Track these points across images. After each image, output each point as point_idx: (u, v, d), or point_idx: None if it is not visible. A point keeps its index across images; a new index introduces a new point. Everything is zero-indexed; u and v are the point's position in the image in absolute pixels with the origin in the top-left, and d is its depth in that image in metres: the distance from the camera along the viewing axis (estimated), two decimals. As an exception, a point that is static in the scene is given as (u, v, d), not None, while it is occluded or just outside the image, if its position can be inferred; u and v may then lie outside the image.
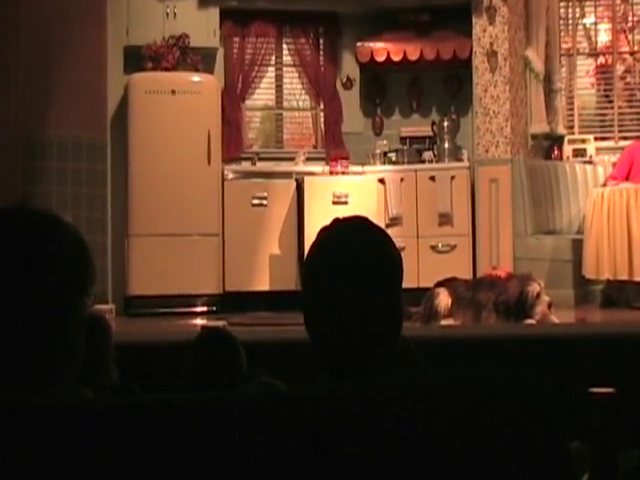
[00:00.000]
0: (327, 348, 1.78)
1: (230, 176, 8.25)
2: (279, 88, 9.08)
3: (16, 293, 1.40)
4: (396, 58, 8.65)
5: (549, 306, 6.28)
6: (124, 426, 1.19)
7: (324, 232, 1.83)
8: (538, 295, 6.28)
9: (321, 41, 9.04)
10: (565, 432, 1.21)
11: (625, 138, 8.42)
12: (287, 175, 8.33)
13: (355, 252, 1.78)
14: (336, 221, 1.84)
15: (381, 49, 8.69)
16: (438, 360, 1.77)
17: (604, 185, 7.86)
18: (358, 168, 8.35)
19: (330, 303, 1.76)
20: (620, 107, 8.94)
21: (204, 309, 7.81)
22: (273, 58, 9.01)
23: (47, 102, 7.22)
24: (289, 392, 1.39)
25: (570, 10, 9.12)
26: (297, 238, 8.07)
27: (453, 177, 8.22)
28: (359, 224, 1.85)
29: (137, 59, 8.11)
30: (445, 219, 8.15)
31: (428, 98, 8.90)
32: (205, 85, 8.19)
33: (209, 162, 8.02)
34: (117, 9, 8.12)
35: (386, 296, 1.78)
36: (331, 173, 8.24)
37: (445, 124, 8.60)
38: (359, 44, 8.76)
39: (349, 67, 8.93)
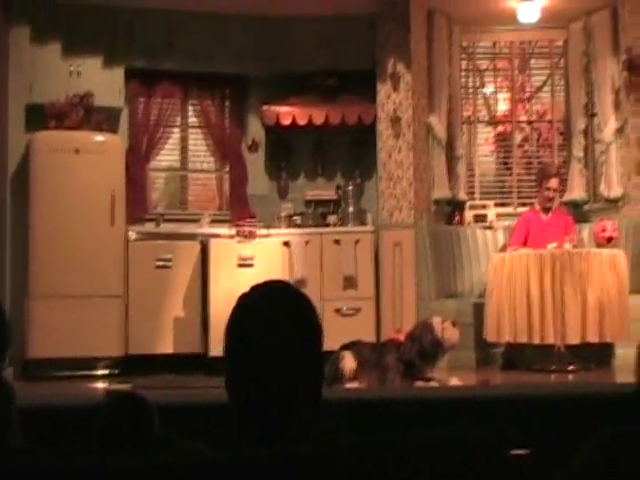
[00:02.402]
0: (247, 409, 1.80)
1: (134, 237, 8.14)
2: (184, 149, 9.05)
3: None
4: (302, 122, 8.73)
5: (453, 324, 6.49)
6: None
7: (244, 298, 1.85)
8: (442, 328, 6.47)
9: (227, 103, 9.07)
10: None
11: (523, 204, 8.63)
12: (192, 237, 8.28)
13: (275, 316, 1.81)
14: (255, 287, 1.86)
15: (287, 112, 8.75)
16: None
17: (503, 250, 8.02)
18: (264, 231, 8.34)
19: (251, 367, 1.78)
20: (519, 174, 9.18)
21: (105, 372, 7.64)
22: (178, 119, 8.99)
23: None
24: (221, 458, 1.39)
25: (471, 79, 9.38)
26: (201, 300, 8.01)
27: (357, 241, 8.29)
28: (278, 289, 1.88)
29: (40, 117, 7.98)
30: (350, 282, 8.21)
31: (333, 162, 9.00)
32: (109, 145, 8.10)
33: (113, 223, 7.90)
34: (20, 65, 8.02)
35: (307, 358, 1.81)
36: (238, 233, 8.19)
37: (349, 188, 8.71)
38: (265, 107, 8.81)
39: (255, 130, 8.96)
